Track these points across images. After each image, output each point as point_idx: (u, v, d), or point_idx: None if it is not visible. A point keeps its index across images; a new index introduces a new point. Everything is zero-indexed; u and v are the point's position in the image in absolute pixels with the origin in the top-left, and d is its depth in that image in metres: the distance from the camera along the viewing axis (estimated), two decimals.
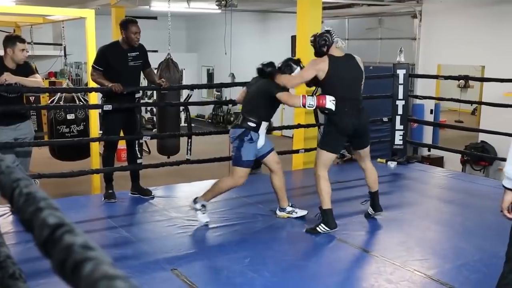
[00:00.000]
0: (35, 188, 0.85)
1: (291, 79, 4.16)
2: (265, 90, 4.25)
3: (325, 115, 4.21)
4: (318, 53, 4.14)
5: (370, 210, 4.48)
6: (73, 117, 6.72)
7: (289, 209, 4.56)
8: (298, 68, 4.24)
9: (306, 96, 4.08)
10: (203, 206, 4.36)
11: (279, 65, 4.30)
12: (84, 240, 0.59)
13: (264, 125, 4.27)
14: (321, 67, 4.01)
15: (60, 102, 6.74)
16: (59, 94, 6.93)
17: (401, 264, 3.53)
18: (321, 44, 4.08)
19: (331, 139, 4.14)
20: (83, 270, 0.54)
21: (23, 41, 4.77)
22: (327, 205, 4.06)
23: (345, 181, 4.38)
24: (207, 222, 4.35)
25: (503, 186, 2.44)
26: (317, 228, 4.07)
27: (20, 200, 0.81)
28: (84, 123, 6.79)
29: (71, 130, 6.67)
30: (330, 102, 4.00)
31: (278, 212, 4.57)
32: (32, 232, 0.70)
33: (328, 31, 4.13)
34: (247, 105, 4.33)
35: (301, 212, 4.57)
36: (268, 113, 4.31)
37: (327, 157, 4.10)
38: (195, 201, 4.39)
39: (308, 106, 4.05)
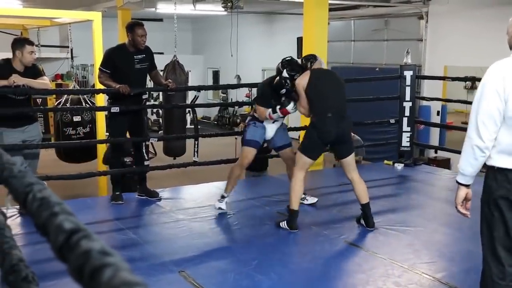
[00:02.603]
0: (49, 193, 0.85)
1: (299, 105, 4.33)
2: (257, 90, 4.77)
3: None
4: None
5: (362, 222, 4.32)
6: (80, 119, 6.74)
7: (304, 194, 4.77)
8: (284, 71, 4.36)
9: (271, 113, 4.44)
10: (222, 196, 4.72)
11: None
12: (102, 245, 0.59)
13: None
14: (302, 83, 4.19)
15: (67, 104, 6.76)
16: (65, 96, 6.94)
17: (409, 267, 3.51)
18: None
19: (311, 145, 4.21)
20: (102, 276, 0.54)
21: (31, 43, 4.79)
22: (294, 206, 4.18)
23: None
24: (220, 208, 4.66)
25: (457, 181, 2.50)
26: (281, 223, 4.25)
27: (34, 205, 0.81)
28: (91, 125, 6.81)
29: (78, 132, 6.69)
30: (292, 110, 4.41)
31: None
32: (48, 237, 0.70)
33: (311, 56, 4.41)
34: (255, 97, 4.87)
35: (311, 200, 4.85)
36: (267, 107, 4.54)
37: (305, 162, 4.20)
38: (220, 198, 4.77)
39: (274, 117, 4.47)
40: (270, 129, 4.60)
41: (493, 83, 2.28)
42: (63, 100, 6.87)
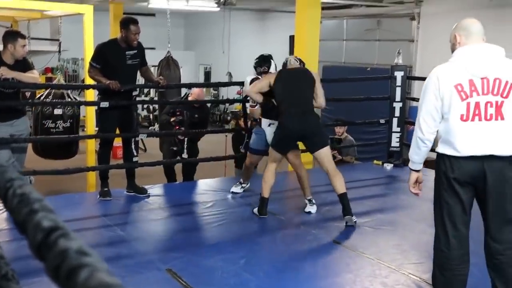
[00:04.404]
0: (29, 189, 0.83)
1: (252, 86, 4.73)
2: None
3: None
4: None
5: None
6: (61, 113, 6.57)
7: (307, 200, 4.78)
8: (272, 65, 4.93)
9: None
10: (240, 183, 5.28)
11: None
12: (80, 245, 0.58)
13: (264, 121, 4.89)
14: (269, 78, 4.56)
15: (49, 97, 6.63)
16: (49, 89, 6.82)
17: (396, 267, 3.52)
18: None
19: (278, 140, 4.49)
20: (78, 277, 0.52)
21: (24, 37, 4.75)
22: (264, 194, 4.49)
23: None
24: (232, 191, 5.22)
25: (410, 168, 2.94)
26: (254, 210, 4.57)
27: (14, 201, 0.79)
28: (71, 120, 6.66)
29: (57, 126, 6.51)
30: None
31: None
32: (26, 235, 0.68)
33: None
34: None
35: (310, 208, 4.73)
36: (263, 111, 4.87)
37: (275, 155, 4.52)
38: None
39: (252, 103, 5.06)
40: (269, 133, 4.84)
41: (431, 85, 2.67)
42: (46, 93, 6.73)
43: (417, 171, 2.92)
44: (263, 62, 4.93)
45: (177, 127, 5.91)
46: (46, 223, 0.65)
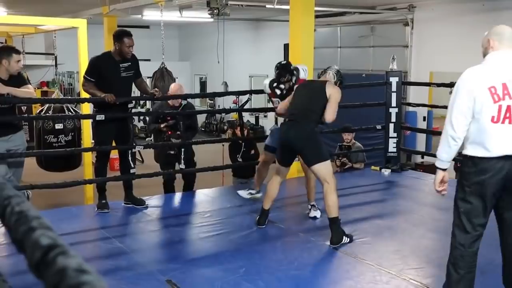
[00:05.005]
0: (27, 206, 0.83)
1: (279, 108, 4.67)
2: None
3: None
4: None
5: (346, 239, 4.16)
6: (62, 127, 6.62)
7: (310, 206, 4.85)
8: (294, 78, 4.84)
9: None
10: (251, 189, 5.10)
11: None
12: (78, 262, 0.58)
13: (279, 119, 4.97)
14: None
15: (49, 112, 6.66)
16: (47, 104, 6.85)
17: (396, 273, 3.51)
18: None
19: (277, 150, 4.52)
20: None
21: (18, 52, 4.76)
22: (264, 205, 4.47)
23: (341, 189, 4.42)
24: (240, 193, 5.07)
25: (436, 166, 2.96)
26: (257, 218, 4.55)
27: (12, 219, 0.79)
28: (73, 134, 6.70)
29: (59, 140, 6.56)
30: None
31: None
32: (24, 253, 0.68)
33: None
34: None
35: (314, 213, 4.80)
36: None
37: (278, 165, 4.49)
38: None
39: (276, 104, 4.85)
40: None
41: (464, 85, 2.74)
42: (45, 108, 6.77)
43: (444, 170, 2.96)
44: (283, 71, 4.82)
45: (170, 132, 5.89)
46: (45, 241, 0.65)
